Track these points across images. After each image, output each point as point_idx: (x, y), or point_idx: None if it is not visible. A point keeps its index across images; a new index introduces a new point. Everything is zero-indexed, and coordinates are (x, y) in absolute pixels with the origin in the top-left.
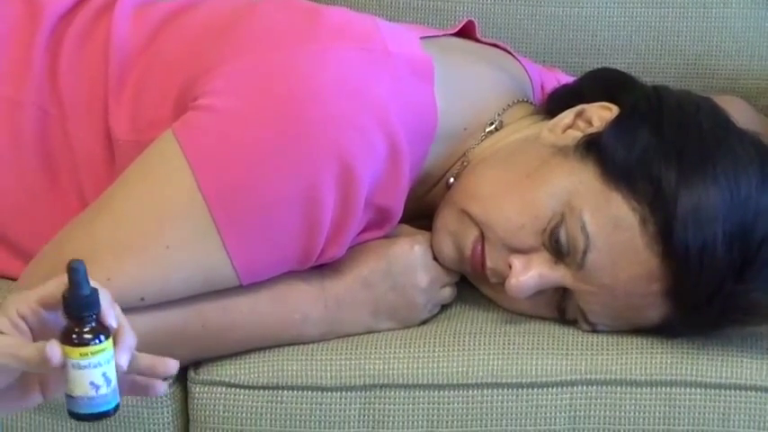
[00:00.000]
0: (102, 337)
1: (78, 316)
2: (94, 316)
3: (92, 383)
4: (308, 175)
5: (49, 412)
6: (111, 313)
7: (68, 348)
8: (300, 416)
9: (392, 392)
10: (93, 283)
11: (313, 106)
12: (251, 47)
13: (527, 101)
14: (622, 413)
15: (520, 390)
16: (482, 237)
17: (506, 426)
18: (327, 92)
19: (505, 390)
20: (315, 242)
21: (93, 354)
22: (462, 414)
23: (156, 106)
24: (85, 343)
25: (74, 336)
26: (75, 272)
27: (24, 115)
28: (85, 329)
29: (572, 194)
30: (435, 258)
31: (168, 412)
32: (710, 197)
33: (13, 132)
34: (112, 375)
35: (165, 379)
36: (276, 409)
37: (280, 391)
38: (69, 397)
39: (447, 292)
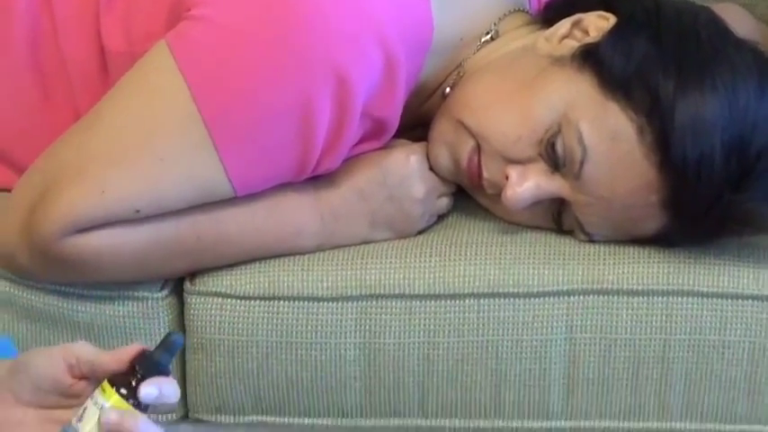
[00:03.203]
0: (135, 403)
1: (138, 368)
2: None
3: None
4: (304, 86)
5: (50, 323)
6: (150, 391)
7: (106, 384)
8: (296, 326)
9: (388, 303)
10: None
11: (309, 18)
12: None
13: (523, 10)
14: (619, 323)
15: (517, 299)
16: (478, 147)
17: (503, 335)
18: (323, 4)
19: (502, 299)
20: (310, 154)
21: (110, 401)
22: (459, 324)
23: (148, 18)
24: (122, 394)
25: (121, 380)
26: (173, 342)
27: (16, 27)
28: (132, 383)
29: (569, 105)
30: (431, 169)
31: (164, 323)
32: (708, 107)
33: (4, 45)
34: None
35: None
36: (272, 319)
37: (276, 302)
38: (69, 424)
39: (443, 203)
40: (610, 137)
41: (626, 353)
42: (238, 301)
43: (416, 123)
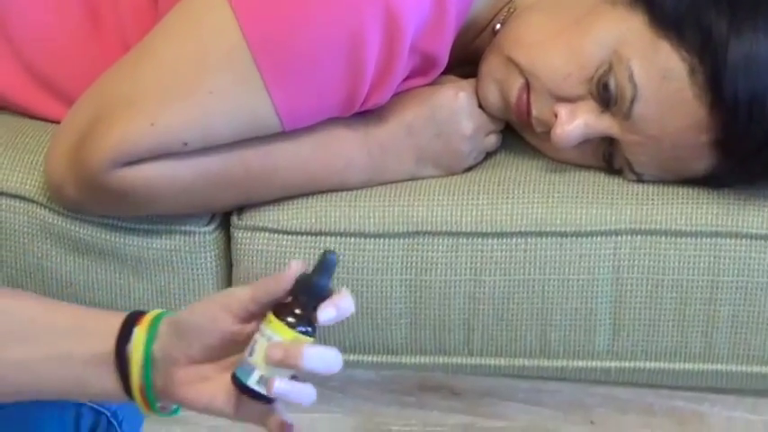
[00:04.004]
0: (303, 330)
1: (300, 295)
2: (313, 307)
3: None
4: (353, 20)
5: (93, 255)
6: (329, 313)
7: (271, 316)
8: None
9: (435, 240)
10: (331, 287)
11: None
12: None
13: None
14: (666, 263)
15: (563, 238)
16: (528, 85)
17: (549, 274)
18: None
19: (549, 238)
20: (359, 88)
21: (276, 332)
22: (505, 262)
23: None
24: (288, 323)
25: (285, 310)
26: (329, 261)
27: None
28: (296, 311)
29: (620, 43)
30: (480, 106)
31: (211, 257)
32: (762, 47)
33: None
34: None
35: None
36: (318, 254)
37: (322, 237)
38: (243, 360)
39: (492, 140)
40: (661, 75)
41: (673, 294)
42: (285, 236)
43: (466, 60)
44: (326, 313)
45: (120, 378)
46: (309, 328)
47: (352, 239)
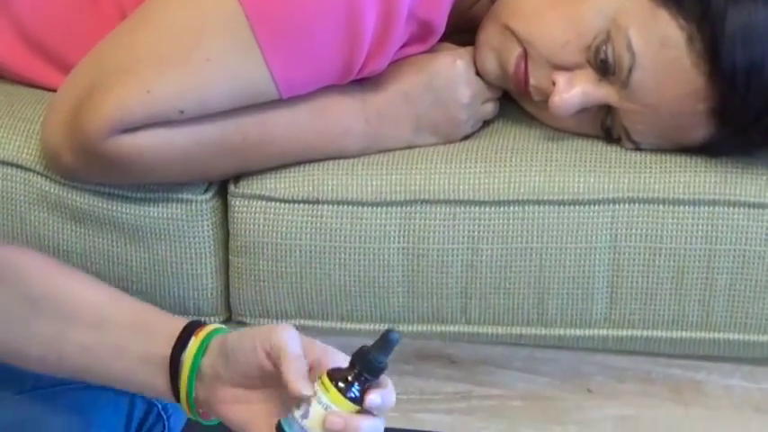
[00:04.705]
0: (352, 396)
1: (357, 365)
2: (364, 380)
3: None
4: None
5: (90, 223)
6: (376, 400)
7: (326, 380)
8: (340, 230)
9: (433, 208)
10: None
11: None
12: None
13: None
14: (664, 232)
15: (561, 207)
16: (525, 54)
17: (547, 242)
18: None
19: (547, 206)
20: (356, 55)
21: (333, 401)
22: (503, 230)
23: None
24: (339, 389)
25: (339, 376)
26: (390, 339)
27: None
28: (349, 379)
29: (618, 11)
30: (478, 73)
31: (208, 225)
32: (760, 16)
33: None
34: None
35: None
36: (316, 223)
37: (319, 206)
38: (293, 418)
39: (489, 108)
40: (659, 43)
41: (670, 262)
42: (282, 204)
43: (464, 28)
44: (373, 399)
45: (170, 381)
46: (357, 395)
47: (350, 208)
